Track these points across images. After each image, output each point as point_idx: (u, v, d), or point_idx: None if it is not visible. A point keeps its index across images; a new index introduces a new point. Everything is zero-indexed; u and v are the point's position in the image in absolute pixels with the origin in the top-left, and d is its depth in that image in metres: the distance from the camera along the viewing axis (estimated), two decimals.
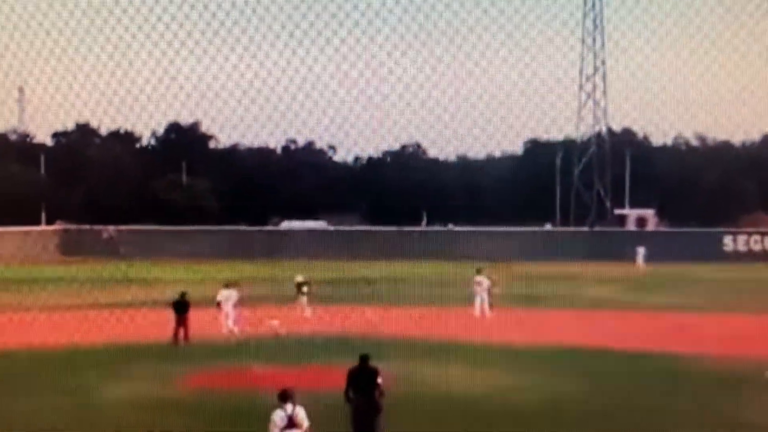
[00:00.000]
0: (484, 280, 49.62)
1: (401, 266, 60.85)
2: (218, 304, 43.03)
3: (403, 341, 36.64)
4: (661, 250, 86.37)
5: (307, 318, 46.28)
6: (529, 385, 30.93)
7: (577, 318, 47.13)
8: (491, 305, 48.96)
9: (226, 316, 42.96)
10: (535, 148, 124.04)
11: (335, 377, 23.72)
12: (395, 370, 28.26)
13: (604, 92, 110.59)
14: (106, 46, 38.33)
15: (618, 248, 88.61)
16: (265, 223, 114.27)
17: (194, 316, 41.74)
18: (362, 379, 22.59)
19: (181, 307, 41.10)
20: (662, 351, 36.89)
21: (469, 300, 48.93)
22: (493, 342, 38.68)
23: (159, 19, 37.90)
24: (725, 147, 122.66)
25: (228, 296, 43.38)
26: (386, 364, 25.13)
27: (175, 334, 40.69)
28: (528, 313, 47.09)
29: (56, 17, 40.13)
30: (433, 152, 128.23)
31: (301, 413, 18.77)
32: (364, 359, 22.93)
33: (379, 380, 22.67)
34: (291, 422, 18.72)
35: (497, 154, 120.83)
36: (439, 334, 37.64)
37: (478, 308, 48.82)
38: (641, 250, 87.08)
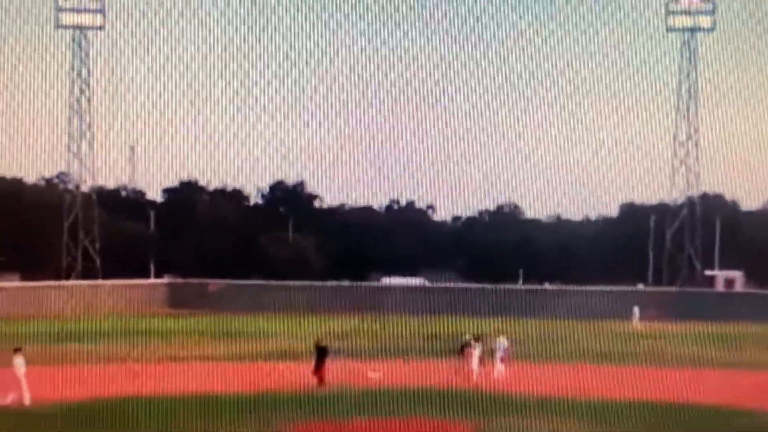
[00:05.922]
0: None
1: (498, 322, 62.82)
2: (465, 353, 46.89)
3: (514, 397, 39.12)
4: (751, 309, 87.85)
5: (496, 378, 47.30)
6: None
7: (667, 375, 48.71)
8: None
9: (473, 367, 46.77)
10: (630, 210, 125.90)
11: None
12: None
13: (697, 158, 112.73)
14: (216, 108, 42.05)
15: (708, 308, 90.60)
16: (366, 279, 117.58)
17: (306, 367, 45.03)
18: None
19: (320, 352, 44.82)
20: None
21: (565, 356, 51.14)
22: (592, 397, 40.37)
23: (269, 83, 41.27)
24: None
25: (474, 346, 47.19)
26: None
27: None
28: (621, 368, 49.10)
29: (167, 79, 43.76)
30: (530, 213, 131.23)
31: None
32: None
33: None
34: None
35: (593, 216, 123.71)
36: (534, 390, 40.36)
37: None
38: (636, 310, 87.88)
